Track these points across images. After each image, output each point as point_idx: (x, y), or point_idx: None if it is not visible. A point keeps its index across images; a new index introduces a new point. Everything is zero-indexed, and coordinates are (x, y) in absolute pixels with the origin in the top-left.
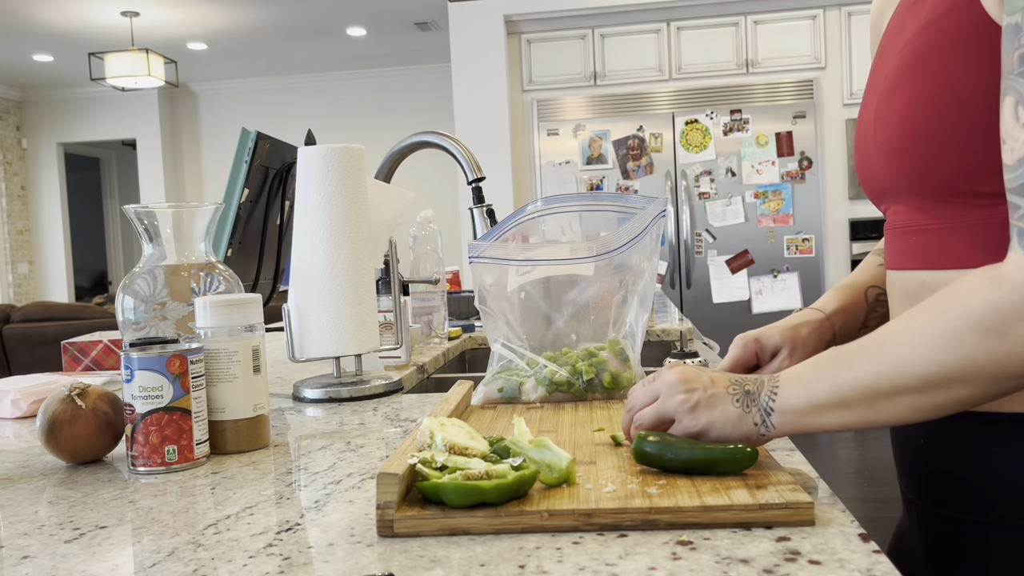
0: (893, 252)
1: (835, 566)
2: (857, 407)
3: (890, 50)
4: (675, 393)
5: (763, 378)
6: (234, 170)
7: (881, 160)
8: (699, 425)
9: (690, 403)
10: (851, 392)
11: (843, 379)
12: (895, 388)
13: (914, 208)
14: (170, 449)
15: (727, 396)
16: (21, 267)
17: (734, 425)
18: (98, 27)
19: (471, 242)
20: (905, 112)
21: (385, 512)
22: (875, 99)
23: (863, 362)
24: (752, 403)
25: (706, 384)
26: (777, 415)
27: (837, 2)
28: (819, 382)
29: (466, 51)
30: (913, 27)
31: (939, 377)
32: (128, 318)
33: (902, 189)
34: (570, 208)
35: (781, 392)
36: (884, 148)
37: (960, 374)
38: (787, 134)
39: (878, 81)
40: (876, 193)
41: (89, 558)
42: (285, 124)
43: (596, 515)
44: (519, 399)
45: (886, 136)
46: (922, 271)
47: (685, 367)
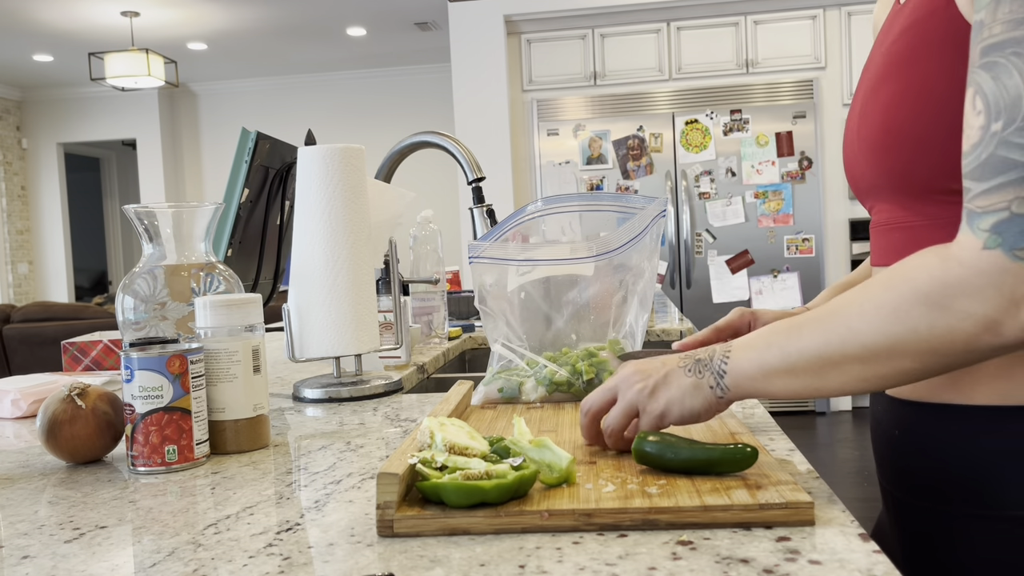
0: (878, 249)
1: (835, 566)
2: (805, 374)
3: (877, 51)
4: (632, 384)
5: (715, 347)
6: (234, 170)
7: (865, 158)
8: (660, 405)
9: (648, 388)
10: (800, 359)
11: (793, 347)
12: (842, 357)
13: (896, 205)
14: (170, 449)
15: (679, 371)
16: (21, 267)
17: (692, 394)
18: (98, 27)
19: (471, 242)
20: (887, 111)
21: (385, 512)
22: (860, 98)
23: (814, 331)
24: (704, 369)
25: (658, 367)
26: (729, 378)
27: (837, 2)
28: (770, 348)
29: (466, 51)
30: (897, 29)
31: (883, 348)
32: (128, 318)
33: (885, 187)
34: (570, 208)
35: (733, 357)
36: (867, 146)
37: (903, 346)
38: (787, 134)
39: (863, 82)
40: (862, 191)
41: (89, 558)
42: (285, 124)
43: (596, 515)
44: (519, 399)
45: (869, 134)
46: None
47: (636, 361)
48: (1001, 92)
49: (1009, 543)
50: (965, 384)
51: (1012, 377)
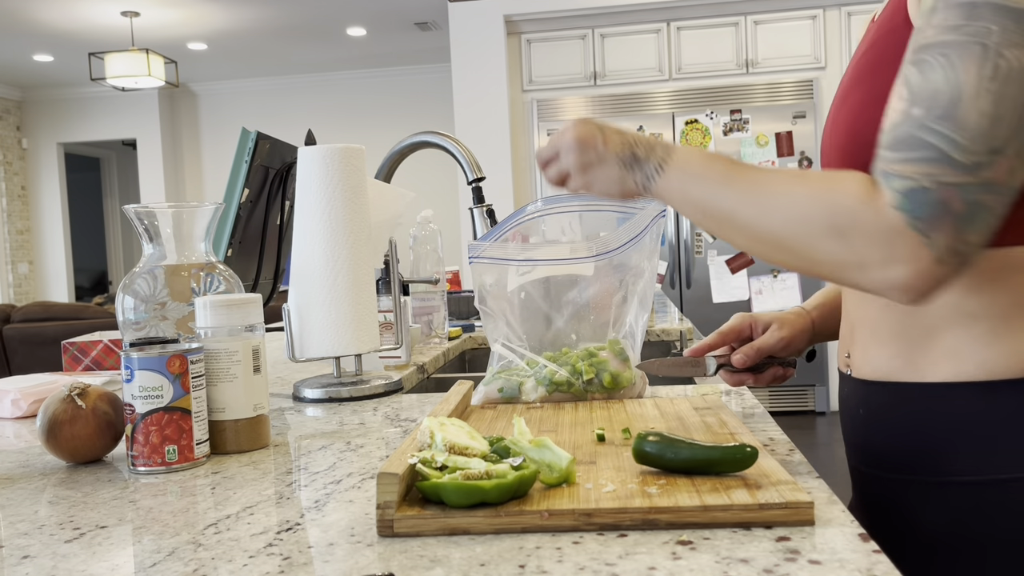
0: None
1: (835, 566)
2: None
3: (850, 63)
4: (570, 152)
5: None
6: (234, 170)
7: (833, 161)
8: (585, 181)
9: (580, 163)
10: (713, 208)
11: (715, 195)
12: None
13: None
14: (170, 449)
15: (614, 159)
16: (21, 267)
17: (616, 182)
18: (98, 27)
19: (471, 242)
20: (853, 118)
21: (385, 512)
22: (834, 105)
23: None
24: (636, 168)
25: (599, 143)
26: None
27: (837, 2)
28: (700, 184)
29: (466, 51)
30: (866, 43)
31: (781, 239)
32: (128, 318)
33: None
34: (570, 208)
35: (666, 172)
36: (835, 150)
37: (795, 246)
38: (787, 134)
39: (838, 90)
40: None
41: (89, 558)
42: (285, 124)
43: (596, 515)
44: (519, 399)
45: (838, 139)
46: None
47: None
48: (924, 84)
49: (960, 507)
50: (920, 364)
51: (961, 357)
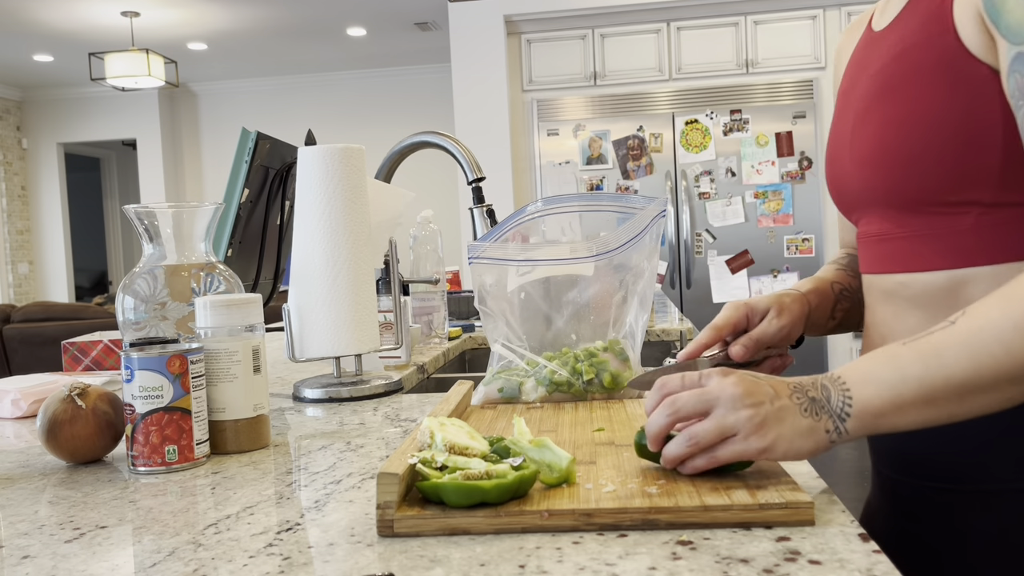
0: (868, 258)
1: (835, 566)
2: (947, 403)
3: (861, 76)
4: (739, 408)
5: (822, 381)
6: (234, 170)
7: (857, 174)
8: (767, 442)
9: (758, 418)
10: (946, 388)
11: (937, 375)
12: (996, 380)
13: (885, 218)
14: (170, 449)
15: (794, 407)
16: (21, 267)
17: (804, 437)
18: (98, 27)
19: (471, 243)
20: (880, 131)
21: (385, 512)
22: (851, 119)
23: (959, 356)
24: (821, 411)
25: (770, 395)
26: (854, 419)
27: (837, 2)
28: (906, 381)
29: (466, 51)
30: (884, 56)
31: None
32: (128, 318)
33: (875, 201)
34: (570, 208)
35: (857, 395)
36: (859, 163)
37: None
38: (787, 134)
39: (850, 103)
40: (848, 205)
41: (89, 558)
42: (285, 124)
43: (596, 515)
44: (519, 399)
45: (861, 153)
46: (899, 274)
47: (740, 374)
48: None
49: (1009, 516)
50: None
51: None
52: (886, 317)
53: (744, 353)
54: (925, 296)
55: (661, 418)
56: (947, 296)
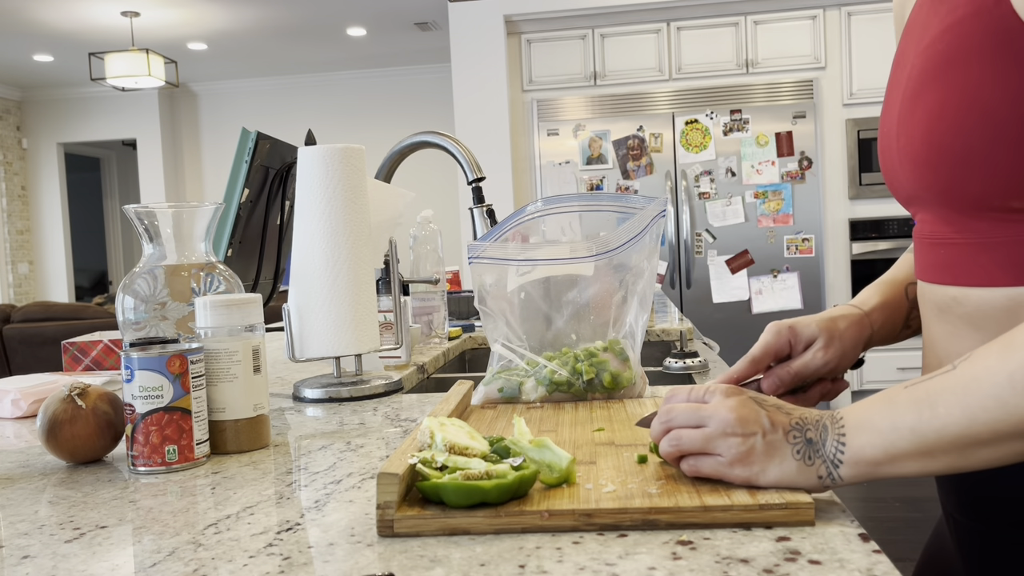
0: (922, 263)
1: (835, 566)
2: (945, 455)
3: (911, 48)
4: (729, 434)
5: (824, 421)
6: (234, 170)
7: (905, 171)
8: (750, 474)
9: (743, 448)
10: (939, 441)
11: (929, 427)
12: (994, 435)
13: (941, 220)
14: (170, 449)
15: (787, 446)
16: (21, 267)
17: (793, 479)
18: (98, 27)
19: (471, 242)
20: (929, 123)
21: (385, 512)
22: (897, 103)
23: (952, 407)
24: (816, 455)
25: (765, 428)
26: (847, 467)
27: (837, 2)
28: (898, 431)
29: (466, 51)
30: (936, 27)
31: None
32: (128, 318)
33: (928, 201)
34: (570, 208)
35: (851, 441)
36: (908, 159)
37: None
38: (787, 134)
39: (899, 82)
40: (903, 198)
41: (89, 558)
42: (285, 124)
43: (596, 515)
44: (519, 399)
45: (909, 147)
46: (952, 287)
47: (742, 399)
48: None
49: None
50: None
51: None
52: (941, 336)
53: (776, 386)
54: (980, 315)
55: (657, 425)
56: (1007, 317)
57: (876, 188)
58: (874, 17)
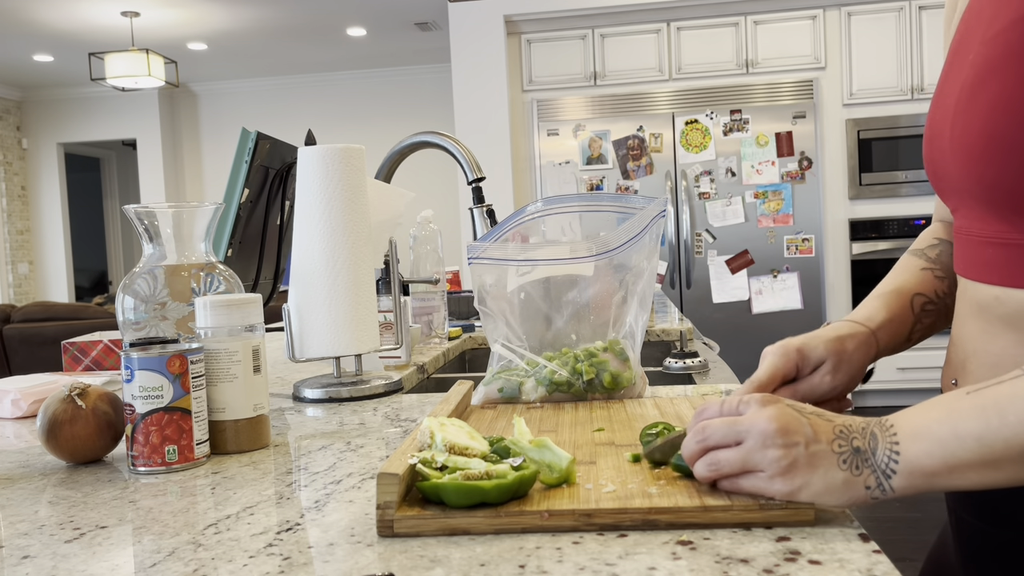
0: (965, 259)
1: (835, 566)
2: (1012, 466)
3: (975, 37)
4: (770, 446)
5: (872, 428)
6: (234, 170)
7: (957, 163)
8: (791, 487)
9: (787, 460)
10: (1007, 450)
11: (997, 436)
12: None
13: (991, 217)
14: (170, 449)
15: (832, 455)
16: (21, 267)
17: (839, 491)
18: (98, 27)
19: (470, 243)
20: (990, 114)
21: (385, 512)
22: (955, 92)
23: (1015, 415)
24: (864, 464)
25: (808, 437)
26: (901, 477)
27: (837, 2)
28: (960, 439)
29: (466, 51)
30: (1008, 16)
31: None
32: (128, 318)
33: (979, 196)
34: (570, 209)
35: (906, 450)
36: (962, 151)
37: None
38: (787, 134)
39: (960, 70)
40: (945, 192)
41: (89, 558)
42: (285, 124)
43: (596, 515)
44: (519, 399)
45: (965, 138)
46: (998, 287)
47: (781, 407)
48: None
49: None
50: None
51: None
52: (974, 333)
53: None
54: (1021, 317)
55: (691, 444)
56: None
57: (876, 188)
58: (874, 17)
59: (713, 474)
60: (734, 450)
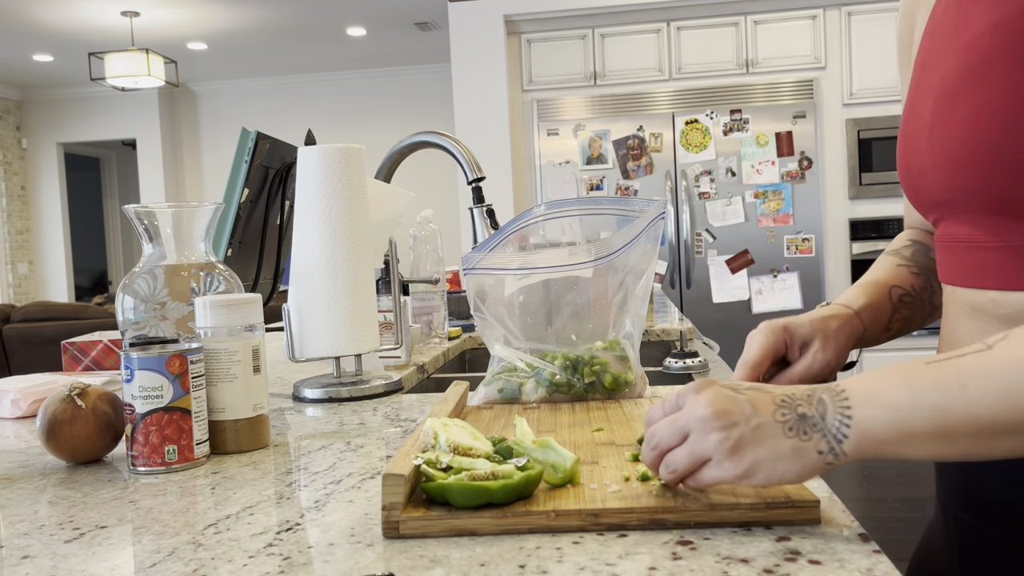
0: (951, 267)
1: (835, 566)
2: (967, 441)
3: (944, 48)
4: (709, 431)
5: (819, 395)
6: (234, 170)
7: (938, 173)
8: (743, 467)
9: (730, 442)
10: (966, 424)
11: (956, 407)
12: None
13: (975, 225)
14: (170, 449)
15: (776, 425)
16: (21, 267)
17: (789, 459)
18: (98, 27)
19: (465, 254)
20: (972, 122)
21: (391, 513)
22: (929, 104)
23: (987, 389)
24: (813, 429)
25: (747, 414)
26: (852, 443)
27: (837, 2)
28: (919, 409)
29: (466, 51)
30: (977, 25)
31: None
32: (128, 318)
33: (963, 204)
34: (571, 212)
35: (857, 415)
36: (943, 160)
37: None
38: (787, 134)
39: (928, 83)
40: (925, 204)
41: (89, 558)
42: (285, 124)
43: (603, 515)
44: (519, 400)
45: (946, 148)
46: (993, 291)
47: (715, 390)
48: None
49: None
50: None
51: None
52: (970, 332)
53: None
54: (1021, 317)
55: (647, 452)
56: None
57: (876, 188)
58: (874, 17)
59: (673, 476)
60: (682, 447)
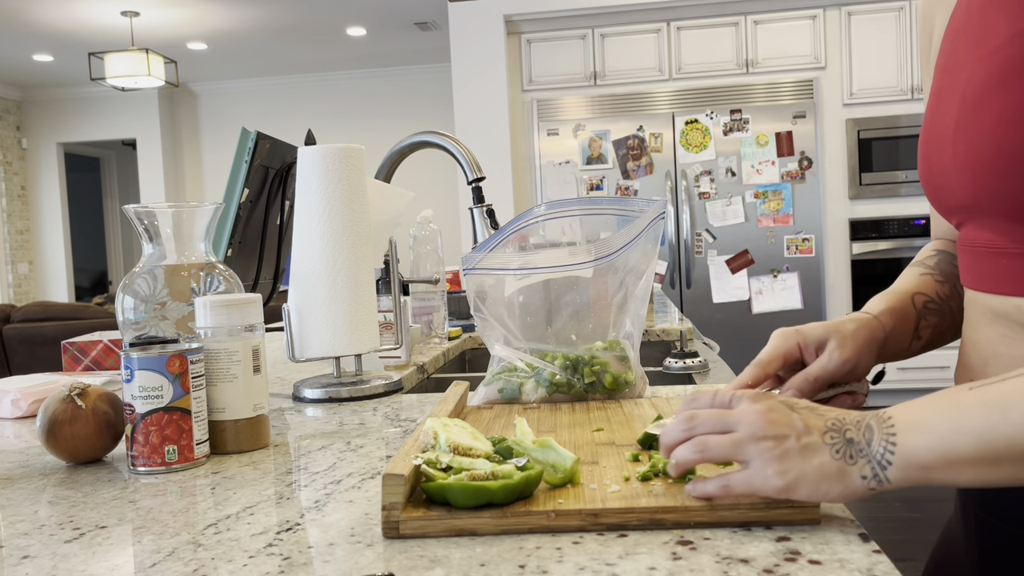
0: (973, 272)
1: (835, 566)
2: (1011, 465)
3: (968, 53)
4: (759, 438)
5: (867, 421)
6: (234, 170)
7: (962, 178)
8: (787, 479)
9: (778, 451)
10: (1009, 449)
11: (998, 433)
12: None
13: (999, 231)
14: (170, 449)
15: (824, 447)
16: (21, 267)
17: (832, 482)
18: (98, 27)
19: (464, 255)
20: (997, 127)
21: (391, 513)
22: (954, 109)
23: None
24: (859, 454)
25: (799, 431)
26: (897, 469)
27: (837, 2)
28: (961, 434)
29: (466, 51)
30: (1003, 32)
31: None
32: (128, 318)
33: (985, 209)
34: (571, 213)
35: (902, 442)
36: (968, 166)
37: None
38: (787, 134)
39: (953, 87)
40: (947, 208)
41: (89, 558)
42: (285, 124)
43: (603, 515)
44: (519, 400)
45: (970, 153)
46: (1015, 297)
47: (772, 403)
48: None
49: None
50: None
51: None
52: (991, 338)
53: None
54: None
55: (676, 431)
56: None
57: (876, 188)
58: (874, 17)
59: (699, 456)
60: (724, 437)
